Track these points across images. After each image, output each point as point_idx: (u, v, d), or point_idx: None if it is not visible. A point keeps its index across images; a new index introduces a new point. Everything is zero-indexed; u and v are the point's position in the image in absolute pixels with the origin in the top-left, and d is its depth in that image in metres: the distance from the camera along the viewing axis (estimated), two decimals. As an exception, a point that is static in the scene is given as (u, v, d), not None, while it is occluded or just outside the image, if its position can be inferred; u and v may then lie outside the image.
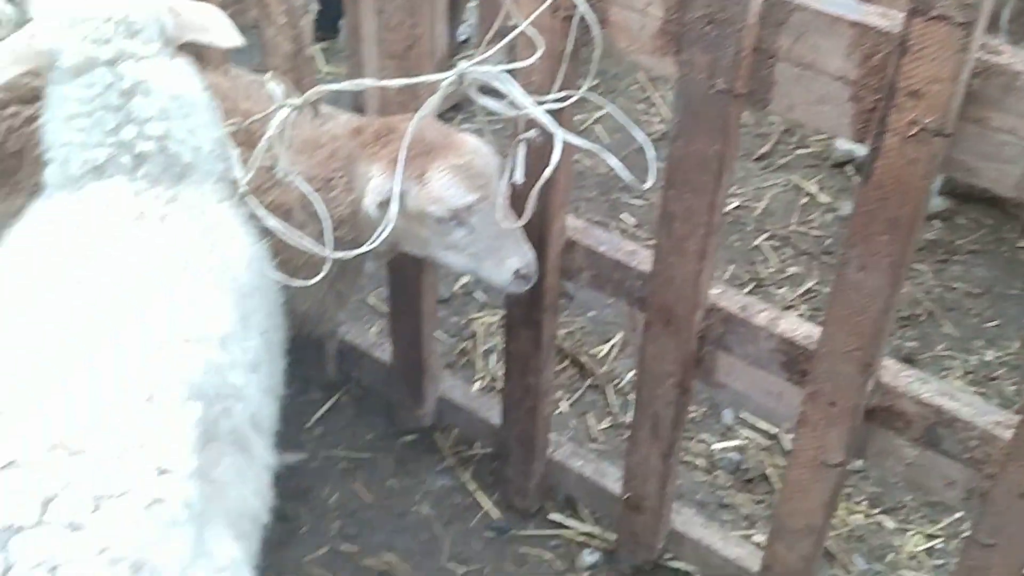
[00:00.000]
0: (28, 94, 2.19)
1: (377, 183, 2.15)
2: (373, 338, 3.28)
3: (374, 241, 2.09)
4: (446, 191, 2.16)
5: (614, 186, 4.06)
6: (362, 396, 3.30)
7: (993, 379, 3.43)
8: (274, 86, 2.06)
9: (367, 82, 2.21)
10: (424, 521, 2.99)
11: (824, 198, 4.10)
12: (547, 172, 2.10)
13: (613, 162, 2.15)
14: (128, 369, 1.59)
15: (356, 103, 2.74)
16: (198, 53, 2.12)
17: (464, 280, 3.69)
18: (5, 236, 1.86)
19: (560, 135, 2.07)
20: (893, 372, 2.08)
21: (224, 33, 1.96)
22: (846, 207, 4.01)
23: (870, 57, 1.72)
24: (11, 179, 2.27)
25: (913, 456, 2.11)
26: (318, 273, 2.06)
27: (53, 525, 1.40)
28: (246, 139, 2.11)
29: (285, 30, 2.55)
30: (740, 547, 2.67)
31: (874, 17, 1.72)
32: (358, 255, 2.11)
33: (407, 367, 3.05)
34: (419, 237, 2.26)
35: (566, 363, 3.42)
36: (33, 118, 2.12)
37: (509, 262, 2.26)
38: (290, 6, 2.52)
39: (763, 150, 4.31)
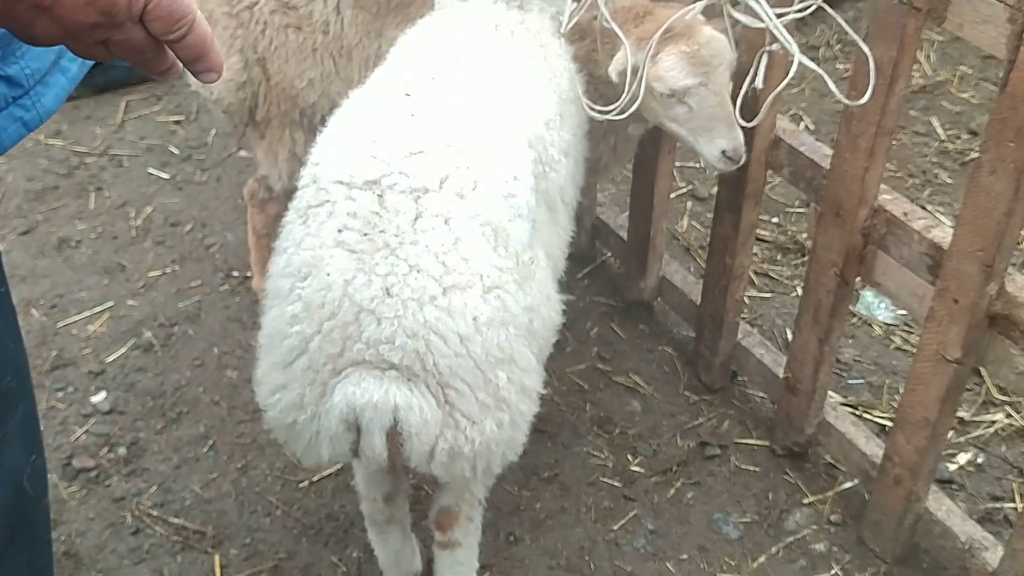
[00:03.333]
0: None
1: (619, 56, 2.53)
2: (622, 221, 3.72)
3: (620, 110, 2.49)
4: (668, 72, 2.50)
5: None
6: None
7: None
8: None
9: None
10: (668, 358, 3.51)
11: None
12: (778, 88, 2.47)
13: (828, 81, 2.42)
14: (495, 113, 2.14)
15: None
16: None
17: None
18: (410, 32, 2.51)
19: (798, 56, 2.37)
20: (1019, 283, 2.23)
21: None
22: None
23: (1025, -18, 1.91)
24: (405, 11, 2.85)
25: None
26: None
27: (448, 192, 1.92)
28: None
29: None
30: (879, 447, 2.86)
31: (1035, -53, 1.90)
32: (609, 115, 2.53)
33: (636, 245, 3.47)
34: (651, 107, 2.63)
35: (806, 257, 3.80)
36: None
37: (718, 142, 2.57)
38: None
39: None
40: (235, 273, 3.75)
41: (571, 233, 2.52)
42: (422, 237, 1.87)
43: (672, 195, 4.18)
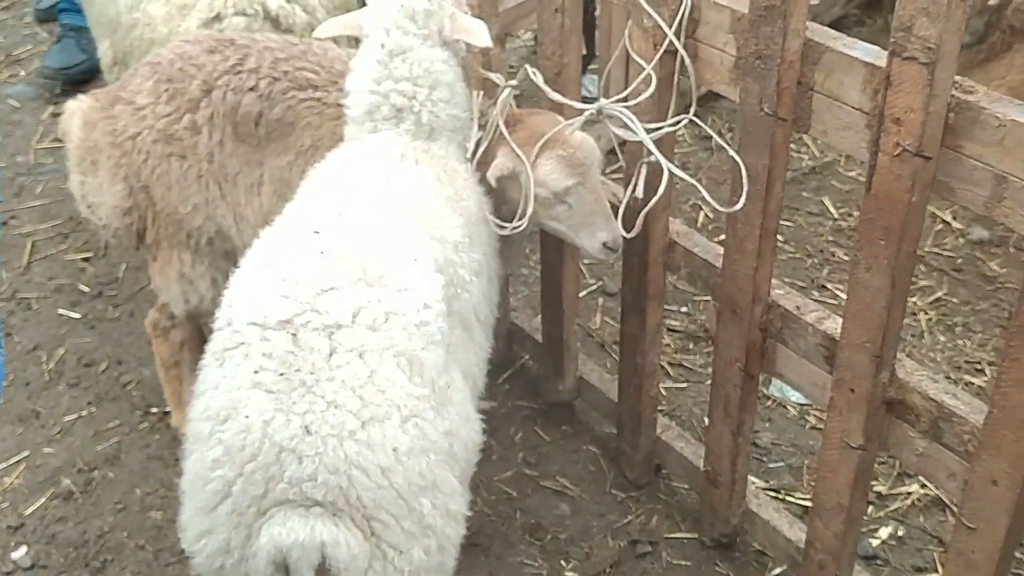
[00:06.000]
0: (304, 83, 2.98)
1: (497, 162, 2.74)
2: (536, 324, 3.85)
3: (520, 217, 2.71)
4: (549, 175, 2.72)
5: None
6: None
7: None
8: (496, 75, 2.83)
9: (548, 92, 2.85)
10: (592, 457, 3.61)
11: (957, 225, 4.59)
12: (652, 201, 2.67)
13: (703, 191, 2.66)
14: (403, 243, 2.27)
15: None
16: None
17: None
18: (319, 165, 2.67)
19: (667, 167, 2.61)
20: (908, 369, 2.40)
21: (481, 37, 2.68)
22: (976, 232, 4.53)
23: (877, 92, 2.12)
24: (284, 141, 3.03)
25: (923, 448, 2.41)
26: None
27: (360, 326, 2.04)
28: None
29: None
30: (803, 532, 2.98)
31: (883, 60, 2.10)
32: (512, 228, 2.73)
33: (551, 347, 3.59)
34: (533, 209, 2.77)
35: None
36: (304, 100, 2.95)
37: (599, 235, 2.78)
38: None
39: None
40: (154, 409, 3.77)
41: (489, 350, 2.64)
42: (338, 373, 1.97)
43: (583, 292, 4.35)
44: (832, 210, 4.82)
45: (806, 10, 2.21)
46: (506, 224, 2.71)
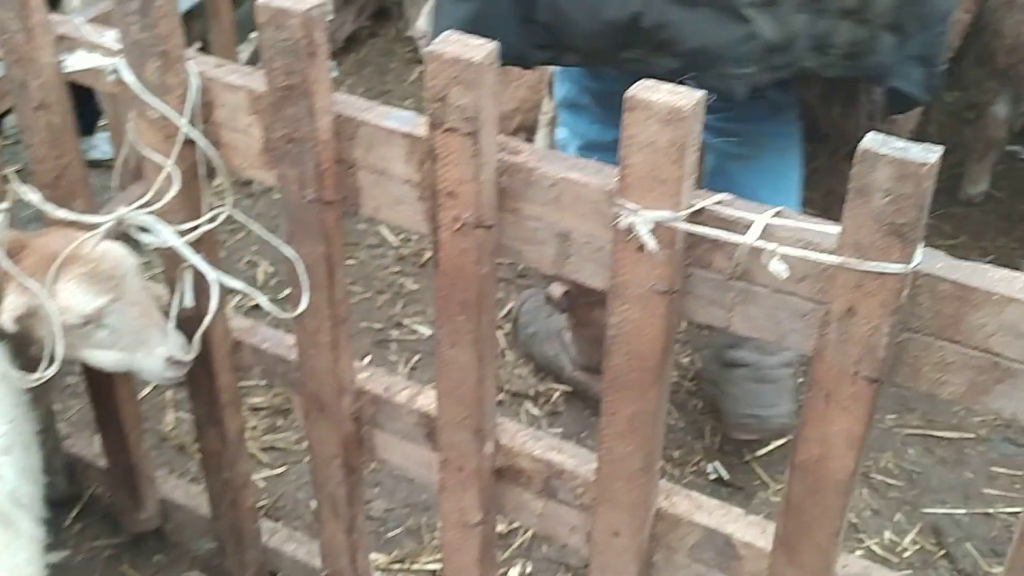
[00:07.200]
0: None
1: (8, 302, 2.29)
2: (99, 448, 3.37)
3: (51, 361, 2.29)
4: (73, 299, 2.31)
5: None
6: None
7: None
8: None
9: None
10: None
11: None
12: (208, 319, 2.39)
13: (261, 299, 2.40)
14: None
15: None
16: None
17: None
18: None
19: (213, 279, 2.33)
20: (510, 433, 2.32)
21: None
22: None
23: (423, 163, 1.97)
24: None
25: (540, 508, 2.34)
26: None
27: None
28: None
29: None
30: (438, 611, 2.86)
31: (422, 128, 1.96)
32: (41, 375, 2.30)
33: (121, 475, 3.15)
34: (66, 343, 2.35)
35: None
36: None
37: (158, 351, 2.43)
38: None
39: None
40: None
41: (43, 536, 2.20)
42: None
43: (145, 391, 3.90)
44: (391, 239, 4.75)
45: (330, 85, 2.01)
46: (32, 376, 2.27)
